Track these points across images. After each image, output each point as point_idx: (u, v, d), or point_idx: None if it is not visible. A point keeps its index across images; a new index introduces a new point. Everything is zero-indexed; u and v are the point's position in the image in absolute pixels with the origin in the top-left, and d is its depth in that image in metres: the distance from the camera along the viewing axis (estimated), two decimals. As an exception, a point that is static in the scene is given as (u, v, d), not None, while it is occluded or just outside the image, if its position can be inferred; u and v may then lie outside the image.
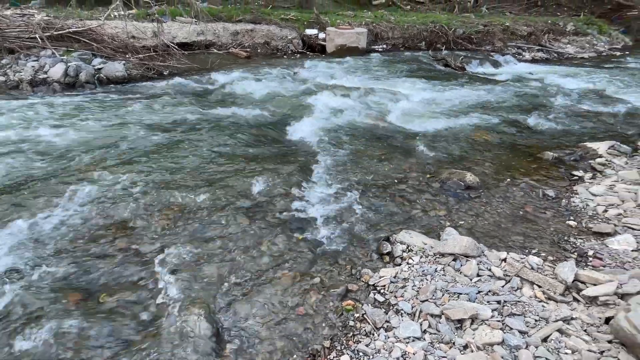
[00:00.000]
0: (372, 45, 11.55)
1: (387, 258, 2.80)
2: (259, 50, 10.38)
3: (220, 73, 7.70)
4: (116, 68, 7.26)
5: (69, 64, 6.85)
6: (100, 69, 7.18)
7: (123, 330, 2.14)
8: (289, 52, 10.56)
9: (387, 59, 10.20)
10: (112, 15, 9.77)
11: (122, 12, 10.12)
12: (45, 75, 6.68)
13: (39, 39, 7.39)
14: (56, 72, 6.68)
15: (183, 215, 3.17)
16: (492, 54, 11.27)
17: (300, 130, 5.09)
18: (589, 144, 4.79)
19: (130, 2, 10.42)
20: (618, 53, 13.55)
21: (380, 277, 2.53)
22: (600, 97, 7.36)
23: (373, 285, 2.48)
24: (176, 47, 8.99)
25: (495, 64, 10.40)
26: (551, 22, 14.70)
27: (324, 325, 2.19)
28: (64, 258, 2.67)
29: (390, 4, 16.48)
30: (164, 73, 7.89)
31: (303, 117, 5.59)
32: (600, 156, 4.44)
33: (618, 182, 3.81)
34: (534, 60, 11.40)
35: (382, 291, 2.42)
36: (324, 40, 10.84)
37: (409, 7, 16.48)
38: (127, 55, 7.95)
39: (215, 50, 10.00)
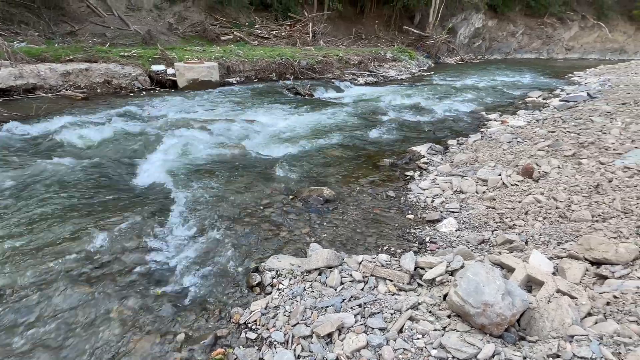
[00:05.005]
0: (226, 78, 11.48)
1: (257, 289, 2.65)
2: (98, 90, 9.18)
3: (48, 119, 6.46)
4: None
5: None
6: None
7: None
8: (136, 89, 9.64)
9: (242, 91, 10.24)
10: None
11: None
12: None
13: None
14: None
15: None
16: (333, 81, 12.44)
17: (153, 172, 4.59)
18: (414, 148, 5.61)
19: None
20: (425, 73, 16.60)
21: (251, 313, 2.36)
22: (418, 109, 8.80)
23: (244, 323, 2.30)
24: (-16, 94, 7.24)
25: (337, 89, 11.49)
26: (374, 51, 17.16)
27: (191, 386, 1.90)
28: None
29: (239, 40, 16.76)
30: (-32, 126, 6.22)
31: (155, 157, 5.08)
32: (423, 157, 5.24)
33: (438, 176, 4.53)
34: (366, 84, 13.03)
35: (253, 327, 2.25)
36: (174, 75, 10.27)
37: (256, 42, 17.05)
38: None
39: (42, 94, 8.46)
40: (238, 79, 11.80)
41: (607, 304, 1.99)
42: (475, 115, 8.38)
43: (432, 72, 16.85)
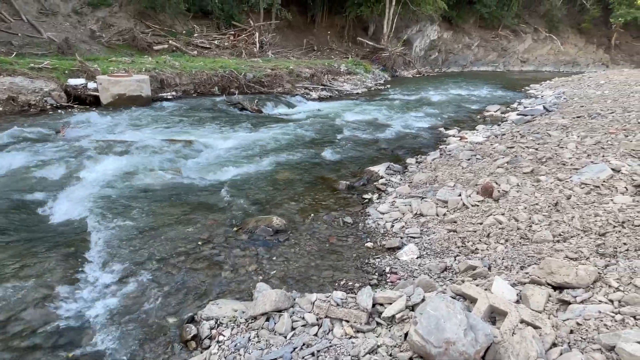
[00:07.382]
0: (160, 93, 11.19)
1: (193, 344, 2.51)
2: (1, 109, 8.52)
3: None
4: None
5: None
6: None
7: None
8: (49, 107, 9.07)
9: (179, 107, 10.02)
10: None
11: None
12: None
13: None
14: None
15: None
16: (283, 95, 12.59)
17: (68, 207, 4.27)
18: (371, 168, 5.75)
19: None
20: (382, 87, 17.34)
21: (184, 373, 2.21)
22: (375, 126, 9.11)
23: (176, 386, 2.15)
24: None
25: (289, 105, 11.63)
26: (328, 63, 17.68)
27: None
28: None
29: (175, 49, 16.51)
30: None
31: (72, 188, 4.75)
32: (382, 177, 5.39)
33: (397, 198, 4.66)
34: (320, 99, 13.33)
35: (187, 391, 2.11)
36: (97, 90, 9.83)
37: (195, 52, 16.90)
38: None
39: None
40: (174, 93, 11.55)
41: (571, 332, 2.11)
42: (434, 131, 8.83)
43: (388, 86, 17.63)
